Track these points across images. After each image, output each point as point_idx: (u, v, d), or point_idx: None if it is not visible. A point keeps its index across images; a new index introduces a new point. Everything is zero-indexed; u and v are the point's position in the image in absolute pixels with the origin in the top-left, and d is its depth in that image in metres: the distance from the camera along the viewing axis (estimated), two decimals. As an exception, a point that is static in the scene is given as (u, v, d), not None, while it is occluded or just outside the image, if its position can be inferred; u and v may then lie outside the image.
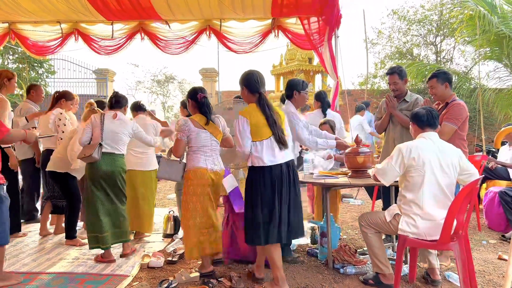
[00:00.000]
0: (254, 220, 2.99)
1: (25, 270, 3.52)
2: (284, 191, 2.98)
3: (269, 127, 3.00)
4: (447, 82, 3.66)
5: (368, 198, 6.77)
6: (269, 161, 2.98)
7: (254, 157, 3.02)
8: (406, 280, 3.23)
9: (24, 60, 14.37)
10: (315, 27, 5.84)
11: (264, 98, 3.07)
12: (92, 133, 3.80)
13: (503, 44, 9.17)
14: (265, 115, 3.01)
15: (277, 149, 3.00)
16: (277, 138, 3.00)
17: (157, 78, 22.77)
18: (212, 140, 3.38)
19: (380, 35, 17.43)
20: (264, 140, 3.00)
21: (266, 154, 2.98)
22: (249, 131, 2.99)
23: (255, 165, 3.02)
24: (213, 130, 3.38)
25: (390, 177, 2.98)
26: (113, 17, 6.20)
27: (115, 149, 3.83)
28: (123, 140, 3.90)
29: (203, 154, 3.35)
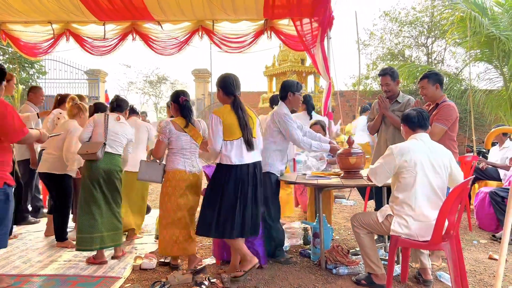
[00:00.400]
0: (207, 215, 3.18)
1: (15, 273, 3.48)
2: (248, 190, 3.17)
3: (240, 128, 3.17)
4: (437, 83, 3.69)
5: (361, 199, 6.80)
6: (237, 160, 3.15)
7: (223, 155, 3.18)
8: (398, 280, 3.25)
9: (14, 60, 14.23)
10: (308, 28, 5.85)
11: (238, 100, 3.23)
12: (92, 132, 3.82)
13: (494, 45, 9.27)
14: (237, 117, 3.18)
15: (245, 150, 3.17)
16: (245, 140, 3.17)
17: (149, 79, 22.72)
18: (191, 143, 3.49)
19: (372, 36, 17.54)
20: (235, 140, 3.17)
21: (234, 153, 3.15)
22: (221, 130, 3.15)
23: (222, 163, 3.18)
24: (193, 133, 3.49)
25: (382, 178, 3.00)
26: (105, 17, 6.16)
27: (114, 150, 3.85)
28: (122, 142, 3.94)
29: (182, 157, 3.46)
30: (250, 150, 3.21)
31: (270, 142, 3.80)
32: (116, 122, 3.89)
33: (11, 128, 2.93)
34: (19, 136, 2.99)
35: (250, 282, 3.26)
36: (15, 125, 2.94)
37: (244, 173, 3.17)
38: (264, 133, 3.91)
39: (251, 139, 3.20)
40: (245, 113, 3.21)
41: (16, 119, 2.94)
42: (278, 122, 3.74)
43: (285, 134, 3.75)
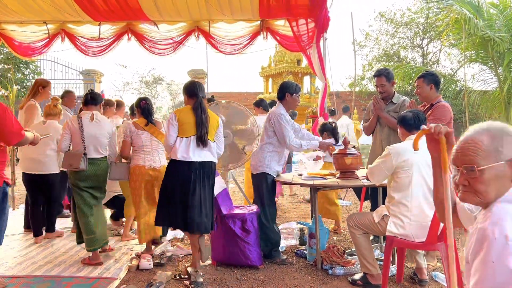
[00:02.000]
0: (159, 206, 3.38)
1: (10, 274, 3.46)
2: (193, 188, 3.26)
3: (195, 126, 3.31)
4: (432, 84, 3.72)
5: (356, 199, 6.81)
6: (181, 157, 3.28)
7: (173, 150, 3.33)
8: (393, 281, 3.26)
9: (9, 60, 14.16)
10: (304, 29, 5.86)
11: (199, 101, 3.38)
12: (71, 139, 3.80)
13: (488, 47, 9.33)
14: (195, 115, 3.32)
15: (193, 148, 3.29)
16: (199, 137, 3.30)
17: (145, 79, 22.65)
18: (152, 140, 3.89)
19: (368, 37, 17.60)
20: (185, 138, 3.30)
21: (181, 150, 3.29)
22: (176, 126, 3.32)
23: (171, 158, 3.35)
24: (153, 130, 3.90)
25: (379, 177, 3.03)
26: (100, 18, 6.14)
27: (98, 153, 3.82)
28: (104, 143, 3.86)
29: (143, 153, 3.86)
30: (202, 148, 3.31)
31: (266, 143, 3.81)
32: (91, 123, 3.79)
33: (9, 131, 2.98)
34: (17, 139, 3.05)
35: (246, 282, 3.26)
36: (13, 129, 2.99)
37: (189, 170, 3.27)
38: (261, 134, 3.92)
39: (205, 136, 3.31)
40: (205, 114, 3.35)
41: (15, 122, 2.99)
42: (273, 122, 3.75)
43: (277, 134, 3.76)
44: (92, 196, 3.79)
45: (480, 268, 1.19)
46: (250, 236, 3.56)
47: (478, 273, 1.19)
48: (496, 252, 1.15)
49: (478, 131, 1.34)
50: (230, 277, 3.38)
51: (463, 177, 1.33)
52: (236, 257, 3.56)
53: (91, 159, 3.74)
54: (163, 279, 3.21)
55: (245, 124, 4.85)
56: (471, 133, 1.35)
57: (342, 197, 7.09)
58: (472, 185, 1.31)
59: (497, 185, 1.29)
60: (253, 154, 3.98)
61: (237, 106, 4.79)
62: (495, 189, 1.29)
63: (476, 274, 1.20)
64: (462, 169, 1.33)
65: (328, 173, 3.98)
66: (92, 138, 3.76)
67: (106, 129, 3.87)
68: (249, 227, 3.58)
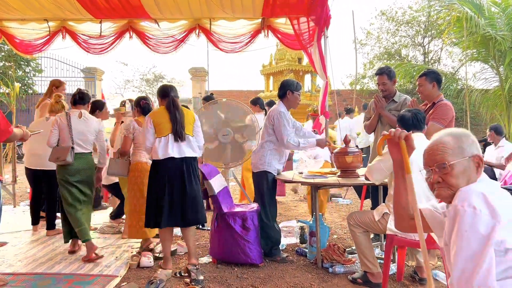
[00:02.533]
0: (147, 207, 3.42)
1: (11, 271, 3.46)
2: (177, 183, 3.34)
3: (171, 124, 3.39)
4: (435, 82, 3.70)
5: (357, 198, 6.82)
6: (162, 155, 3.35)
7: (153, 151, 3.41)
8: (394, 279, 3.26)
9: (10, 58, 14.16)
10: (305, 27, 5.85)
11: (171, 99, 3.47)
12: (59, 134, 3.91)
13: (490, 45, 9.31)
14: (169, 113, 3.41)
15: (172, 145, 3.36)
16: (175, 132, 3.37)
17: (146, 77, 22.66)
18: None
19: (369, 35, 17.57)
20: (163, 137, 3.38)
21: (161, 148, 3.36)
22: (152, 128, 3.40)
23: (153, 158, 3.44)
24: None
25: (378, 176, 3.02)
26: (101, 15, 6.14)
27: (84, 149, 3.96)
28: (90, 139, 4.02)
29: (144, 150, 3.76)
30: (180, 144, 3.38)
31: (267, 141, 3.81)
32: (79, 121, 3.95)
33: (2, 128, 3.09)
34: (5, 135, 3.15)
35: (247, 280, 3.26)
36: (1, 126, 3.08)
37: (170, 167, 3.35)
38: (262, 132, 3.92)
39: (181, 131, 3.38)
40: (178, 110, 3.44)
41: (2, 119, 3.07)
42: (273, 119, 3.75)
43: (275, 131, 3.75)
44: (80, 191, 3.90)
45: (456, 240, 1.36)
46: (250, 234, 3.56)
47: (455, 245, 1.35)
48: (467, 222, 1.34)
49: (442, 136, 1.58)
50: (230, 275, 3.38)
51: (437, 175, 1.54)
52: (237, 255, 3.57)
53: (78, 153, 3.88)
54: (163, 277, 3.21)
55: (244, 121, 4.84)
56: (436, 138, 1.59)
57: (343, 196, 7.09)
58: (445, 180, 1.52)
59: (465, 177, 1.51)
60: (254, 152, 3.98)
61: (238, 104, 4.79)
62: (464, 181, 1.50)
63: (454, 247, 1.36)
64: (435, 167, 1.54)
65: (329, 172, 3.98)
66: (79, 134, 3.91)
67: (93, 126, 4.03)
68: (249, 225, 3.58)
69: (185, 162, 3.40)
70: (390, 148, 1.72)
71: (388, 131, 1.67)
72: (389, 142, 1.71)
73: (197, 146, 3.56)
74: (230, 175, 5.14)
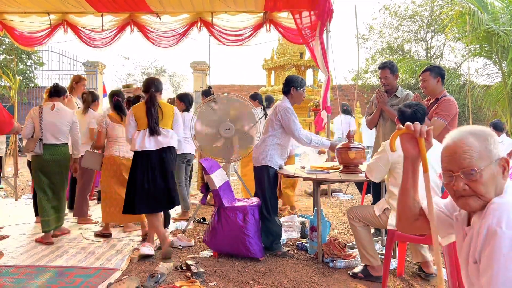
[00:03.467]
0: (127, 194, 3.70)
1: (12, 264, 3.48)
2: (153, 173, 3.65)
3: (147, 118, 3.65)
4: (439, 77, 3.69)
5: (358, 193, 6.82)
6: (139, 147, 3.64)
7: (132, 143, 3.69)
8: (394, 274, 3.26)
9: (12, 51, 14.14)
10: (307, 21, 5.83)
11: (150, 95, 3.73)
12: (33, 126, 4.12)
13: (493, 41, 9.27)
14: (146, 108, 3.67)
15: (148, 139, 3.64)
16: (150, 127, 3.64)
17: (147, 71, 22.62)
18: None
19: (372, 30, 17.49)
20: (142, 130, 3.66)
21: (139, 141, 3.64)
22: (133, 121, 3.69)
23: (133, 150, 3.72)
24: None
25: (377, 174, 3.01)
26: (103, 9, 6.12)
27: (57, 140, 4.15)
28: (63, 131, 4.19)
29: (117, 144, 4.23)
30: (155, 137, 3.65)
31: (270, 136, 3.80)
32: (51, 113, 4.13)
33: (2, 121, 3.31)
34: (9, 127, 3.41)
35: (247, 274, 3.27)
36: (5, 118, 3.32)
37: (147, 158, 3.64)
38: (265, 127, 3.91)
39: (155, 127, 3.64)
40: (154, 106, 3.68)
41: (5, 111, 3.30)
42: (280, 116, 3.74)
43: (285, 128, 3.75)
44: (50, 181, 4.11)
45: (491, 264, 1.21)
46: (251, 229, 3.56)
47: (490, 269, 1.21)
48: (506, 245, 1.18)
49: (464, 136, 1.35)
50: (231, 269, 3.39)
51: (462, 182, 1.33)
52: (237, 249, 3.57)
53: (48, 144, 4.08)
54: (164, 270, 3.22)
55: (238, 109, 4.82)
56: (458, 139, 1.36)
57: (344, 191, 7.10)
58: (473, 188, 1.32)
59: (493, 184, 1.32)
60: (256, 146, 3.97)
61: (239, 99, 4.77)
62: (493, 188, 1.32)
63: (488, 270, 1.22)
64: (460, 174, 1.33)
65: (331, 167, 3.98)
66: (50, 126, 4.10)
67: (66, 118, 4.20)
68: (250, 220, 3.58)
69: (162, 153, 3.69)
70: (404, 144, 1.53)
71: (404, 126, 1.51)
72: (404, 137, 1.53)
73: (176, 139, 3.83)
74: (231, 170, 5.14)
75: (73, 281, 3.10)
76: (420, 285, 3.10)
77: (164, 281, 3.10)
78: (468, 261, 1.35)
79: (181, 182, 5.10)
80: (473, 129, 1.38)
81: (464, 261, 1.38)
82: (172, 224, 4.75)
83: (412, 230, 1.67)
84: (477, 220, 1.34)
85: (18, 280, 3.12)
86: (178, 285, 2.96)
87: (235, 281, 3.13)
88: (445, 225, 1.56)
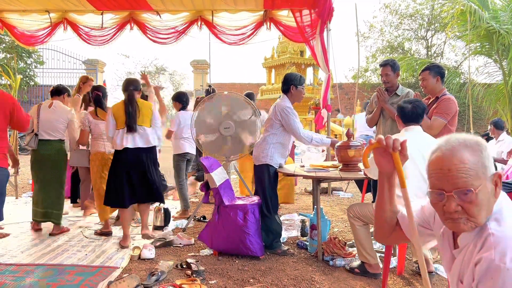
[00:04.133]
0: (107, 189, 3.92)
1: (13, 262, 3.48)
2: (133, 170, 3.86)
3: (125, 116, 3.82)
4: (439, 76, 3.68)
5: (358, 191, 6.82)
6: (119, 145, 3.83)
7: (113, 141, 3.90)
8: (394, 273, 3.27)
9: (12, 50, 14.13)
10: (307, 19, 5.82)
11: (128, 94, 3.91)
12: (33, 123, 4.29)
13: (493, 39, 9.25)
14: (124, 107, 3.85)
15: (126, 137, 3.82)
16: (127, 125, 3.81)
17: (147, 70, 22.60)
18: None
19: (372, 28, 17.47)
20: (121, 129, 3.84)
21: (118, 139, 3.84)
22: (113, 120, 3.86)
23: (113, 148, 3.95)
24: None
25: (376, 172, 3.00)
26: (103, 7, 6.11)
27: (52, 136, 4.31)
28: (59, 127, 4.34)
29: (102, 140, 4.27)
30: (134, 136, 3.84)
31: (270, 134, 3.80)
32: (48, 110, 4.33)
33: (25, 120, 3.77)
34: (28, 124, 3.82)
35: (248, 273, 3.28)
36: (27, 117, 3.79)
37: (126, 156, 3.84)
38: (265, 126, 3.91)
39: (132, 125, 3.81)
40: (131, 105, 3.86)
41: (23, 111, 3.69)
42: (280, 115, 3.73)
43: (286, 127, 3.74)
44: (43, 175, 4.30)
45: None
46: (251, 227, 3.57)
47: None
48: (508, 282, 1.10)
49: (457, 149, 1.20)
50: (231, 267, 3.39)
51: (455, 203, 1.20)
52: (238, 248, 3.58)
53: (43, 140, 4.27)
54: (165, 269, 3.23)
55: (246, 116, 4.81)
56: (450, 152, 1.21)
57: (344, 189, 7.10)
58: (465, 209, 1.19)
59: (486, 204, 1.20)
60: (256, 145, 3.97)
61: (239, 97, 4.77)
62: (486, 209, 1.20)
63: None
64: (453, 194, 1.19)
65: (330, 165, 3.98)
66: (46, 123, 4.27)
67: (61, 116, 4.35)
68: (250, 218, 3.58)
69: (139, 152, 3.88)
70: (378, 159, 1.42)
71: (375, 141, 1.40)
72: (377, 152, 1.42)
73: (155, 137, 4.00)
74: (231, 168, 5.15)
75: (73, 279, 3.11)
76: (420, 284, 3.10)
77: (164, 279, 3.11)
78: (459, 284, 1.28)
79: (182, 181, 5.10)
80: (466, 141, 1.22)
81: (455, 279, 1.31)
82: (172, 222, 4.76)
83: (390, 241, 1.61)
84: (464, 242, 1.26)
85: (19, 278, 3.12)
86: (178, 283, 2.96)
87: (235, 279, 3.13)
88: (421, 234, 1.47)
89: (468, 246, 1.25)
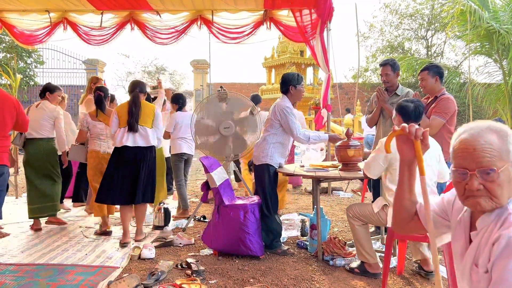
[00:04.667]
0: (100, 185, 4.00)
1: (13, 262, 3.48)
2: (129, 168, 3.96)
3: (128, 116, 3.97)
4: (437, 76, 3.69)
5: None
6: (119, 142, 3.96)
7: (114, 139, 4.03)
8: (394, 272, 3.27)
9: (12, 49, 14.13)
10: (307, 19, 5.82)
11: (133, 95, 4.05)
12: None
13: (493, 39, 9.25)
14: (128, 107, 4.01)
15: (127, 135, 3.95)
16: (128, 124, 3.95)
17: (147, 69, 22.60)
18: (107, 129, 4.36)
19: (372, 28, 17.47)
20: (123, 127, 3.98)
21: (119, 137, 3.97)
22: (116, 119, 4.01)
23: (114, 145, 4.05)
24: (108, 121, 4.31)
25: (375, 171, 3.02)
26: (103, 7, 6.11)
27: (39, 134, 4.51)
28: (43, 125, 4.52)
29: (99, 140, 4.43)
30: (135, 135, 3.96)
31: (270, 134, 3.80)
32: (35, 109, 4.56)
33: (26, 121, 4.04)
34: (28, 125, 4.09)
35: (247, 272, 3.28)
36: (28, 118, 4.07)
37: (124, 154, 3.95)
38: (265, 125, 3.91)
39: (133, 124, 3.95)
40: (135, 105, 4.00)
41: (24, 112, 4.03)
42: (279, 115, 3.73)
43: (284, 127, 3.75)
44: (36, 171, 4.48)
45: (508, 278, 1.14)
46: (251, 227, 3.57)
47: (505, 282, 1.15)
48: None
49: (484, 131, 1.25)
50: (231, 267, 3.39)
51: (477, 181, 1.23)
52: (238, 247, 3.58)
53: (30, 139, 4.48)
54: (165, 268, 3.23)
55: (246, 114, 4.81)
56: (477, 134, 1.25)
57: (344, 189, 7.10)
58: (488, 189, 1.23)
59: (509, 187, 1.24)
60: (256, 145, 3.97)
61: (238, 96, 4.77)
62: (507, 191, 1.24)
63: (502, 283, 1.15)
64: (476, 172, 1.23)
65: (330, 165, 3.98)
66: (33, 122, 4.42)
67: (47, 114, 4.54)
68: (250, 218, 3.58)
69: (138, 151, 3.98)
70: (400, 146, 1.47)
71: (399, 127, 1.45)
72: (400, 139, 1.46)
73: (155, 137, 4.11)
74: (231, 168, 5.15)
75: (73, 279, 3.11)
76: (420, 283, 3.10)
77: (164, 279, 3.11)
78: (473, 268, 1.28)
79: (180, 181, 5.11)
80: (492, 125, 1.27)
81: (467, 266, 1.31)
82: (172, 222, 4.75)
83: (407, 230, 1.63)
84: (482, 224, 1.28)
85: (19, 278, 3.12)
86: (178, 283, 2.96)
87: (235, 279, 3.13)
88: (438, 225, 1.51)
89: (487, 228, 1.27)
